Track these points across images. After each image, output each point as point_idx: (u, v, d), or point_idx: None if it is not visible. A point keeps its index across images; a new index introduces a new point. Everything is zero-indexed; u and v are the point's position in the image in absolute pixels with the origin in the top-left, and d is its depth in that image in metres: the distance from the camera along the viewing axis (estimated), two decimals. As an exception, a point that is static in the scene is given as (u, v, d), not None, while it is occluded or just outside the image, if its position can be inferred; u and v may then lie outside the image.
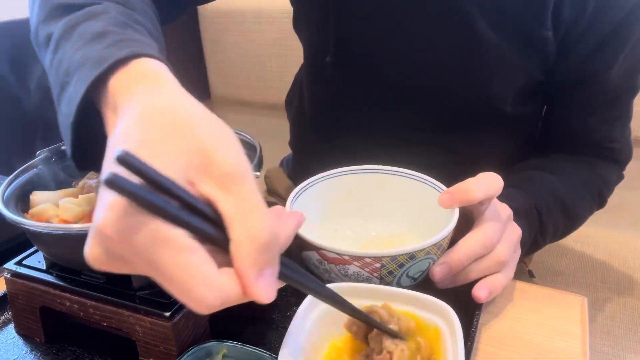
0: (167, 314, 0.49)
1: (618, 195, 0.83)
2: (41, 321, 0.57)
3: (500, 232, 0.55)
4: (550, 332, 0.57)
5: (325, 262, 0.50)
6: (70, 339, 0.58)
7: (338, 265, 0.50)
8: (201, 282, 0.27)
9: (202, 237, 0.28)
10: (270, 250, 0.29)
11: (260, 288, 0.29)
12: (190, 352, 0.47)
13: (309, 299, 0.49)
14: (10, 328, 0.60)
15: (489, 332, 0.57)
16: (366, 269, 0.49)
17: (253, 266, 0.28)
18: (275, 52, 1.60)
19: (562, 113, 0.78)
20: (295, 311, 0.47)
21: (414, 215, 0.64)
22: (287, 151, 1.05)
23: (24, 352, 0.57)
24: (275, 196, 1.03)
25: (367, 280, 0.51)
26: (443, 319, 0.47)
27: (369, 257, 0.48)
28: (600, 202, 0.79)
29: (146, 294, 0.51)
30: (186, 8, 0.77)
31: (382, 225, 0.66)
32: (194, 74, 1.78)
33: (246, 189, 0.29)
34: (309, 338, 0.47)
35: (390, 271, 0.50)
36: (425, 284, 0.54)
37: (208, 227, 0.28)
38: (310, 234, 0.51)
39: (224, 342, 0.48)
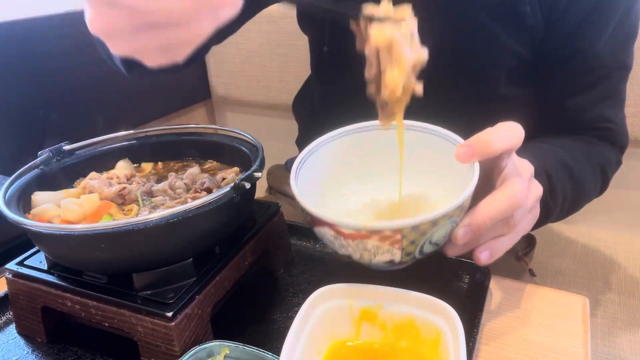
0: (169, 315, 0.49)
1: (618, 195, 0.83)
2: (42, 321, 0.57)
3: (527, 190, 0.51)
4: (551, 332, 0.57)
5: (342, 237, 0.46)
6: (71, 339, 0.58)
7: (356, 240, 0.45)
8: None
9: None
10: None
11: None
12: (192, 352, 0.47)
13: (310, 299, 0.49)
14: (12, 328, 0.60)
15: (489, 332, 0.57)
16: (386, 242, 0.45)
17: None
18: (275, 52, 1.60)
19: (553, 93, 0.78)
20: (296, 311, 0.47)
21: (429, 172, 0.58)
22: (288, 151, 1.05)
23: (25, 352, 0.57)
24: (276, 194, 1.03)
25: (387, 252, 0.46)
26: (444, 319, 0.47)
27: (389, 230, 0.44)
28: (603, 180, 0.78)
29: (148, 294, 0.51)
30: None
31: (393, 185, 0.59)
32: (194, 74, 1.78)
33: None
34: (310, 338, 0.47)
35: (413, 241, 0.45)
36: (425, 284, 0.54)
37: None
38: (321, 210, 0.46)
39: (225, 342, 0.48)
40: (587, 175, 0.74)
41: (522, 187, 0.49)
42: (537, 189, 0.55)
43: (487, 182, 0.51)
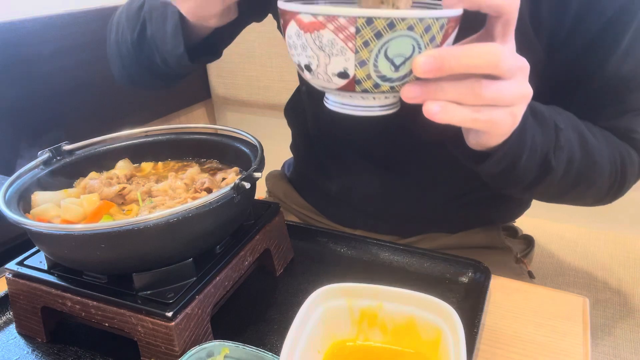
0: (169, 314, 0.49)
1: (619, 195, 0.83)
2: (42, 321, 0.57)
3: (513, 63, 0.45)
4: (551, 333, 0.57)
5: (302, 32, 0.45)
6: (71, 339, 0.58)
7: (313, 34, 0.45)
8: None
9: None
10: None
11: None
12: (192, 352, 0.47)
13: (310, 299, 0.49)
14: (12, 328, 0.60)
15: (490, 332, 0.57)
16: (340, 35, 0.43)
17: None
18: (275, 52, 1.60)
19: (576, 113, 0.72)
20: (296, 311, 0.47)
21: None
22: (287, 151, 1.05)
23: (25, 352, 0.57)
24: (275, 199, 1.04)
25: (341, 54, 0.44)
26: (444, 319, 0.47)
27: (344, 17, 0.42)
28: (622, 175, 0.71)
29: (148, 294, 0.51)
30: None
31: None
32: (194, 74, 1.78)
33: None
34: (310, 338, 0.47)
35: (366, 42, 0.43)
36: (425, 284, 0.54)
37: None
38: (291, 4, 0.46)
39: (225, 342, 0.48)
40: (602, 154, 0.67)
41: (505, 53, 0.44)
42: (524, 86, 0.49)
43: None
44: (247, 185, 0.52)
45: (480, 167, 0.57)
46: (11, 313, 0.61)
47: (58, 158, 0.65)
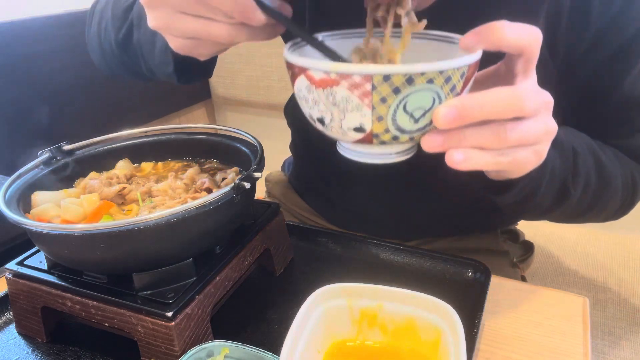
0: (169, 315, 0.49)
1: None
2: (42, 321, 0.57)
3: (534, 104, 0.43)
4: (551, 332, 0.57)
5: (313, 87, 0.44)
6: (71, 339, 0.58)
7: (326, 90, 0.43)
8: None
9: None
10: None
11: None
12: (192, 352, 0.47)
13: (310, 299, 0.49)
14: (12, 328, 0.60)
15: (490, 332, 0.57)
16: (355, 92, 0.41)
17: None
18: (275, 52, 1.60)
19: (587, 129, 0.71)
20: (296, 311, 0.48)
21: None
22: (287, 151, 1.05)
23: (25, 352, 0.57)
24: (274, 200, 1.04)
25: (357, 110, 0.42)
26: (444, 319, 0.47)
27: (358, 74, 0.40)
28: (633, 191, 0.71)
29: (148, 294, 0.51)
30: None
31: None
32: (194, 74, 1.78)
33: None
34: (310, 338, 0.47)
35: (384, 98, 0.41)
36: (425, 284, 0.54)
37: None
38: (300, 58, 0.44)
39: (225, 342, 0.48)
40: (616, 175, 0.67)
41: (528, 94, 0.42)
42: (549, 122, 0.46)
43: None
44: (247, 185, 0.52)
45: (499, 198, 0.56)
46: (11, 313, 0.61)
47: (58, 158, 0.65)
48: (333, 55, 0.47)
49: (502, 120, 0.43)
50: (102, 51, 0.77)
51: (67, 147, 0.66)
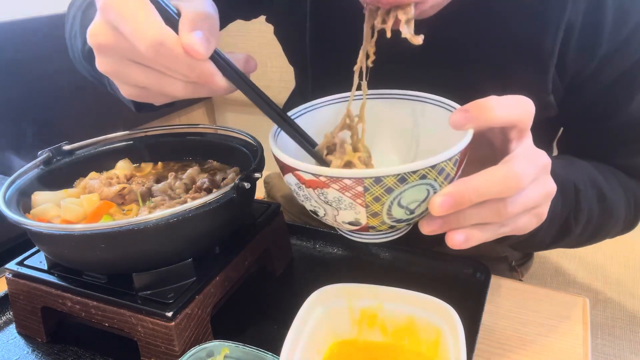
0: (169, 314, 0.49)
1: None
2: (42, 321, 0.57)
3: (531, 176, 0.42)
4: (551, 333, 0.57)
5: (304, 186, 0.43)
6: (71, 339, 0.58)
7: (317, 190, 0.42)
8: (148, 25, 0.39)
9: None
10: (204, 20, 0.40)
11: (190, 38, 0.39)
12: (192, 352, 0.47)
13: (310, 299, 0.49)
14: (12, 328, 0.60)
15: (490, 332, 0.57)
16: (347, 194, 0.41)
17: (190, 24, 0.39)
18: (275, 52, 1.59)
19: (581, 144, 0.72)
20: (296, 312, 0.48)
21: (422, 145, 0.53)
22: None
23: (25, 352, 0.57)
24: (274, 201, 1.04)
25: (350, 208, 0.42)
26: (445, 319, 0.47)
27: (349, 179, 0.40)
28: (635, 213, 0.71)
29: (148, 294, 0.51)
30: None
31: (380, 159, 0.54)
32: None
33: None
34: (310, 338, 0.47)
35: (377, 197, 0.41)
36: (425, 284, 0.53)
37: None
38: (287, 157, 0.43)
39: (225, 342, 0.48)
40: (619, 204, 0.67)
41: (524, 169, 0.41)
42: (548, 184, 0.46)
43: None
44: (247, 185, 0.52)
45: (499, 245, 0.57)
46: (11, 313, 0.61)
47: (58, 158, 0.65)
48: (302, 140, 0.47)
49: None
50: (72, 56, 0.75)
51: (67, 147, 0.66)
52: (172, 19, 0.40)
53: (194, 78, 0.41)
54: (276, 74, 1.64)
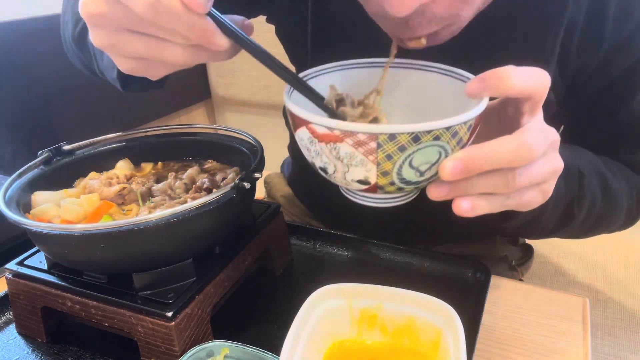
0: (169, 314, 0.49)
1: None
2: (42, 321, 0.57)
3: (542, 149, 0.42)
4: (551, 332, 0.57)
5: (316, 140, 0.42)
6: (71, 339, 0.58)
7: (329, 144, 0.42)
8: None
9: None
10: None
11: None
12: (192, 352, 0.47)
13: (310, 299, 0.49)
14: (12, 328, 0.60)
15: (490, 332, 0.57)
16: (360, 149, 0.40)
17: None
18: (275, 52, 1.59)
19: (584, 141, 0.71)
20: (296, 311, 0.48)
21: (434, 114, 0.50)
22: (287, 151, 1.05)
23: (25, 352, 0.57)
24: (274, 201, 1.03)
25: (361, 165, 0.42)
26: (445, 319, 0.47)
27: (363, 133, 0.39)
28: (637, 205, 0.70)
29: (148, 294, 0.51)
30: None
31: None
32: (194, 74, 1.78)
33: None
34: (310, 338, 0.47)
35: (389, 155, 0.40)
36: (425, 284, 0.53)
37: None
38: (302, 111, 0.42)
39: (225, 342, 0.48)
40: (622, 196, 0.67)
41: (537, 140, 0.41)
42: (556, 161, 0.46)
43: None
44: (247, 185, 0.52)
45: (503, 224, 0.56)
46: (11, 313, 0.61)
47: (58, 158, 0.65)
48: (312, 96, 0.47)
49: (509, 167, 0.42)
50: (65, 47, 0.74)
51: (67, 147, 0.66)
52: None
53: (194, 38, 0.39)
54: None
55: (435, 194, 0.43)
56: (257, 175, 0.55)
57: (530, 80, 0.42)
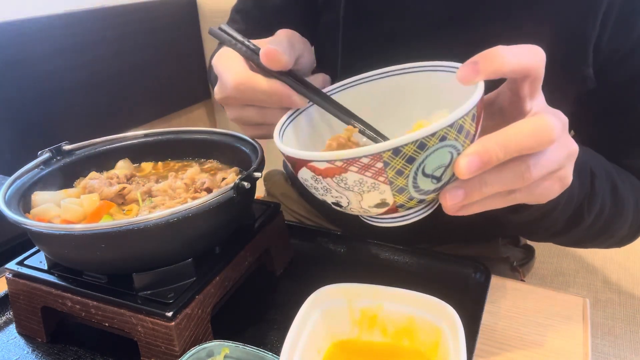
0: (169, 314, 0.49)
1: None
2: (42, 321, 0.57)
3: (559, 127, 0.39)
4: (551, 332, 0.57)
5: (320, 177, 0.41)
6: (71, 339, 0.58)
7: (334, 177, 0.40)
8: (229, 73, 0.53)
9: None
10: (277, 42, 0.52)
11: (266, 47, 0.49)
12: (192, 352, 0.47)
13: (310, 299, 0.49)
14: (12, 328, 0.60)
15: (490, 332, 0.57)
16: (367, 174, 0.39)
17: (265, 43, 0.51)
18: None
19: (593, 143, 0.70)
20: (296, 311, 0.48)
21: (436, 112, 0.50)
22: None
23: (25, 352, 0.57)
24: (274, 199, 1.03)
25: (374, 189, 0.40)
26: (444, 319, 0.47)
27: (366, 156, 0.37)
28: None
29: (148, 294, 0.51)
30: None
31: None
32: (194, 74, 1.78)
33: None
34: (310, 338, 0.47)
35: (399, 171, 0.38)
36: (425, 284, 0.53)
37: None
38: (298, 151, 0.41)
39: (225, 342, 0.48)
40: (629, 205, 0.65)
41: (551, 119, 0.38)
42: (569, 143, 0.42)
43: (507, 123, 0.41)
44: (247, 185, 0.53)
45: (514, 216, 0.54)
46: (11, 313, 0.61)
47: (58, 158, 0.65)
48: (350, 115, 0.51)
49: (523, 158, 0.39)
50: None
51: (67, 147, 0.66)
52: (254, 57, 0.51)
53: (276, 104, 0.51)
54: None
55: (451, 203, 0.41)
56: (257, 175, 0.55)
57: (524, 56, 0.40)
